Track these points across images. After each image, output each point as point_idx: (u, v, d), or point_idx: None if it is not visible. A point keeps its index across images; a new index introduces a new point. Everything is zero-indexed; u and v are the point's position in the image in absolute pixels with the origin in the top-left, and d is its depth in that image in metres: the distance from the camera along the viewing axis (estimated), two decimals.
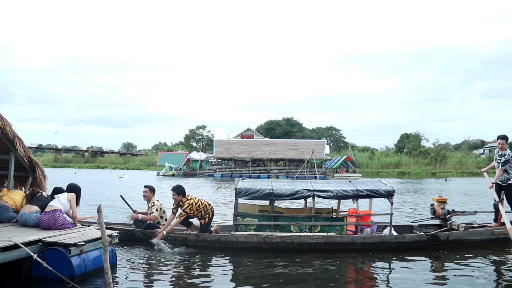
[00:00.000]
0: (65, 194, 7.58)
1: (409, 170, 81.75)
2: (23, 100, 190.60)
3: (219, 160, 69.76)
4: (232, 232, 8.70)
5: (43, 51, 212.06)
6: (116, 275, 6.66)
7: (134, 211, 9.29)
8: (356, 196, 8.87)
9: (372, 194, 8.90)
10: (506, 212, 9.00)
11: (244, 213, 9.01)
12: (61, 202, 7.42)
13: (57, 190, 7.92)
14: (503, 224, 8.93)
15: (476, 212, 10.68)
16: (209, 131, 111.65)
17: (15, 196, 8.01)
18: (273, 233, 8.55)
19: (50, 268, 5.78)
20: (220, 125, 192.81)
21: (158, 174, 61.69)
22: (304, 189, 8.87)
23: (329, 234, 8.58)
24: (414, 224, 10.19)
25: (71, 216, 7.64)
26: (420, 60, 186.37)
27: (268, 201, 8.89)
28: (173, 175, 59.22)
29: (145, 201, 9.36)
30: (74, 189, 7.85)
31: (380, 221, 9.59)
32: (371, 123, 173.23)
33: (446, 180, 50.16)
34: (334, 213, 9.27)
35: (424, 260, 8.06)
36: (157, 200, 9.24)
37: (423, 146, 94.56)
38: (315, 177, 50.25)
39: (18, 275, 6.67)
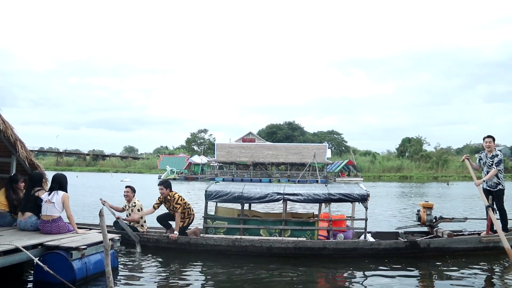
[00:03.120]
0: (59, 197, 7.35)
1: (410, 174, 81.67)
2: (25, 103, 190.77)
3: (220, 164, 69.76)
4: (202, 235, 8.70)
5: (46, 54, 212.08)
6: (117, 279, 6.64)
7: (117, 217, 9.05)
8: (328, 199, 8.69)
9: (345, 198, 8.67)
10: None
11: (214, 216, 8.98)
12: (56, 208, 7.20)
13: (36, 179, 7.83)
14: (496, 231, 8.60)
15: (466, 218, 9.94)
16: (211, 134, 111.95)
17: (1, 198, 7.89)
18: (242, 237, 8.46)
19: (51, 272, 5.76)
20: (221, 129, 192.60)
21: (159, 178, 61.71)
22: (274, 192, 8.80)
23: (300, 238, 8.42)
24: (399, 231, 9.65)
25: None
26: (422, 64, 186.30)
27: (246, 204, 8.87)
28: (174, 179, 59.18)
29: (126, 201, 9.28)
30: (62, 183, 7.57)
31: (356, 227, 9.13)
32: (373, 127, 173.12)
33: (448, 184, 50.05)
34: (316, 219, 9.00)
35: (401, 269, 7.62)
36: (137, 201, 9.21)
37: (425, 150, 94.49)
38: (317, 181, 50.14)
39: (19, 279, 6.66)
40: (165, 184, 8.97)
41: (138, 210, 9.05)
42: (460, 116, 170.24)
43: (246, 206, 9.57)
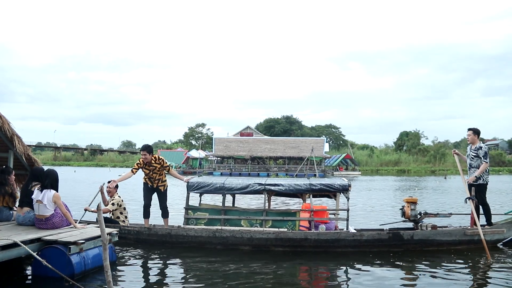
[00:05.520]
0: (50, 196, 7.16)
1: (408, 168, 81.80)
2: (23, 98, 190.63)
3: (218, 158, 69.78)
4: (183, 226, 8.72)
5: (44, 49, 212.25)
6: (115, 273, 6.65)
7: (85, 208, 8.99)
8: (309, 190, 8.68)
9: (326, 189, 8.64)
10: (481, 214, 8.64)
11: (195, 207, 8.98)
12: (48, 208, 7.08)
13: (35, 174, 7.68)
14: (487, 225, 8.65)
15: (451, 214, 9.66)
16: (209, 129, 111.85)
17: None
18: (223, 227, 8.46)
19: (50, 266, 5.78)
20: (219, 123, 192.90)
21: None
22: (256, 183, 8.81)
23: (281, 229, 8.40)
24: (384, 227, 9.54)
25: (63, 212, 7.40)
26: (420, 58, 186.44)
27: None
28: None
29: (109, 196, 9.23)
30: (54, 180, 7.37)
31: (339, 217, 9.07)
32: (371, 120, 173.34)
33: (445, 178, 50.11)
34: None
35: (383, 261, 7.57)
36: (118, 196, 9.16)
37: (423, 144, 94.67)
38: (315, 175, 50.25)
39: (18, 274, 6.67)
40: (148, 149, 8.98)
41: (113, 204, 8.98)
42: (458, 110, 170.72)
43: (230, 202, 9.59)
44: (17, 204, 7.93)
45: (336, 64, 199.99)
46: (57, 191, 7.31)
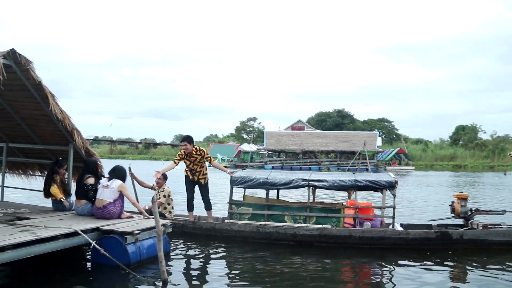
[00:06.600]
0: (117, 184, 7.54)
1: (464, 163, 79.07)
2: (80, 94, 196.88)
3: (270, 152, 69.93)
4: (226, 220, 8.79)
5: (100, 46, 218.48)
6: (169, 263, 6.85)
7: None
8: (354, 186, 8.55)
9: (372, 186, 8.50)
10: None
11: (239, 202, 9.02)
12: (110, 194, 7.41)
13: (88, 167, 8.12)
14: None
15: (505, 211, 9.17)
16: (260, 123, 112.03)
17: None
18: (267, 223, 8.45)
19: (107, 254, 6.03)
20: (270, 117, 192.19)
21: (209, 166, 62.32)
22: (299, 179, 8.76)
23: (325, 226, 8.32)
24: (432, 223, 9.29)
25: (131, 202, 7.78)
26: (477, 49, 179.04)
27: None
28: (225, 167, 59.47)
29: (157, 187, 9.29)
30: (120, 176, 7.77)
31: (385, 215, 8.94)
32: (425, 114, 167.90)
33: (505, 174, 48.11)
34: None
35: (430, 262, 7.32)
36: (167, 187, 9.29)
37: (480, 138, 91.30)
38: (367, 170, 49.49)
39: (78, 261, 7.00)
40: (188, 140, 9.08)
41: (164, 196, 9.12)
42: None
43: (274, 195, 9.60)
44: (73, 197, 8.31)
45: (387, 56, 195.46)
46: None
